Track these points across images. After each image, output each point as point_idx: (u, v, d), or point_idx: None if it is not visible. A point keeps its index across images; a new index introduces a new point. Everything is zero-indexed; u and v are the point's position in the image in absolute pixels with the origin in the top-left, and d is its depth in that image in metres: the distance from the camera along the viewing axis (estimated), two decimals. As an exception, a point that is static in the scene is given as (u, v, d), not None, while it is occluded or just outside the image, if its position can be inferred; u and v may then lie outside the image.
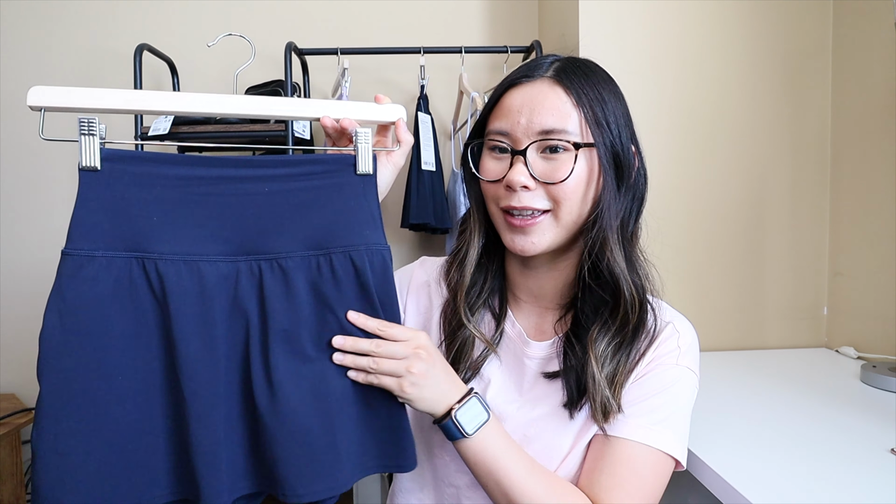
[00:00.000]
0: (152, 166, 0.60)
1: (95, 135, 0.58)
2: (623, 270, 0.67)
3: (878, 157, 1.33)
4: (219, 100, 0.62)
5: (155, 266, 0.59)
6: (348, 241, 0.63)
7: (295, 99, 0.66)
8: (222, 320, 0.60)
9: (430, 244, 1.95)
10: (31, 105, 0.57)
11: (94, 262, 0.58)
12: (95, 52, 1.87)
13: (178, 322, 0.59)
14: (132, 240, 0.59)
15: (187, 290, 0.59)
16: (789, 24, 1.46)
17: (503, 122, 0.68)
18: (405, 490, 0.78)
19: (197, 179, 0.61)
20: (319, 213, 0.63)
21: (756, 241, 1.50)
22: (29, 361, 1.92)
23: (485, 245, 0.76)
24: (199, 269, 0.60)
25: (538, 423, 0.70)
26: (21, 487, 1.72)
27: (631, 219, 0.70)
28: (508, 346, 0.75)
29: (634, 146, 0.70)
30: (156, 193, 0.60)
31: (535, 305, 0.76)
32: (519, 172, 0.65)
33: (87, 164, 0.58)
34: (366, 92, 1.90)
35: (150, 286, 0.59)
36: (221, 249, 0.61)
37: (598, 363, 0.66)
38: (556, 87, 0.67)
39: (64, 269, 0.57)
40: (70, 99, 0.58)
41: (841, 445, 0.86)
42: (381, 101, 0.67)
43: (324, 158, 0.65)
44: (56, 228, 1.86)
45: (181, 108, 0.62)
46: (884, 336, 1.31)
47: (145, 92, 0.62)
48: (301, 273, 0.62)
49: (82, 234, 0.58)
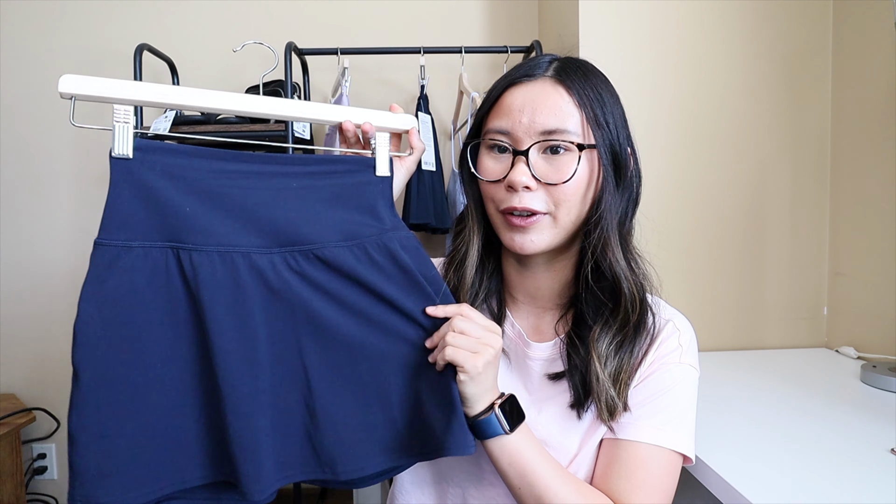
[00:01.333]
0: (184, 158, 0.61)
1: (129, 123, 0.58)
2: (624, 269, 0.67)
3: (878, 157, 1.33)
4: (248, 100, 0.64)
5: (189, 257, 0.59)
6: (378, 231, 0.65)
7: (321, 104, 0.68)
8: (259, 311, 0.61)
9: (431, 244, 1.95)
10: (62, 92, 0.56)
11: (132, 253, 0.58)
12: (95, 52, 1.87)
13: (211, 312, 0.59)
14: (167, 230, 0.59)
15: (221, 281, 0.60)
16: (789, 24, 1.46)
17: (503, 121, 0.68)
18: (405, 492, 0.78)
19: (228, 173, 0.62)
20: (346, 208, 0.65)
21: (756, 241, 1.50)
22: (29, 361, 1.93)
23: (483, 245, 0.75)
24: (232, 261, 0.60)
25: (546, 425, 0.70)
26: (21, 487, 1.72)
27: (627, 219, 0.71)
28: (509, 348, 0.75)
29: (630, 147, 0.70)
30: (188, 185, 0.60)
31: (532, 306, 0.76)
32: (521, 173, 0.65)
33: (119, 153, 0.58)
34: (366, 92, 1.90)
35: (184, 277, 0.60)
36: (255, 242, 0.62)
37: (600, 362, 0.66)
38: (557, 87, 0.67)
39: (100, 260, 0.57)
40: (101, 88, 0.58)
41: (841, 445, 0.86)
42: (395, 111, 0.70)
43: (345, 159, 0.67)
44: (57, 231, 1.87)
45: (212, 105, 0.62)
46: (884, 336, 1.31)
47: (176, 87, 0.63)
48: (339, 261, 0.63)
49: (117, 225, 0.58)
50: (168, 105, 0.62)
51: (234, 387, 0.59)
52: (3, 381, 1.90)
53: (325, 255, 0.63)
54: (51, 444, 1.93)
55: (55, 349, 1.89)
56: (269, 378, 0.62)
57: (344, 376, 0.64)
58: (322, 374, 0.63)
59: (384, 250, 0.65)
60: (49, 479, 1.95)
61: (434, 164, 1.67)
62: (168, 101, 0.61)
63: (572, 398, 0.69)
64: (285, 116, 0.66)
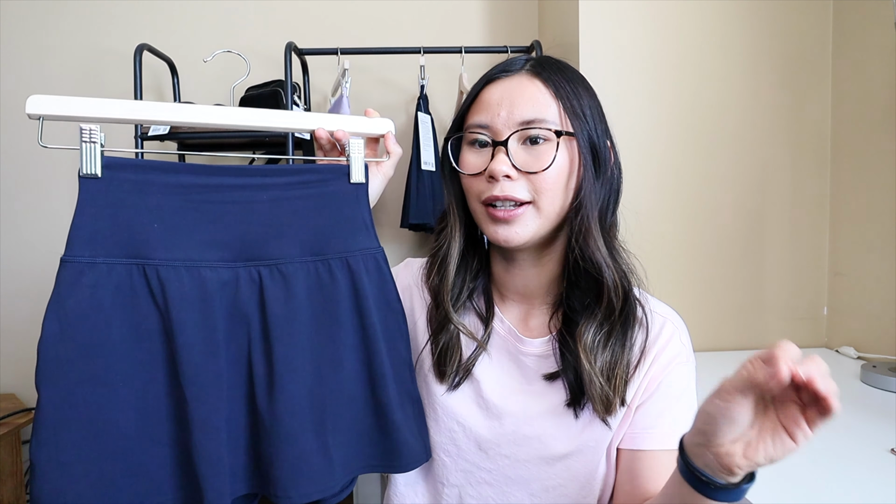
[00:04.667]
0: (153, 174, 0.60)
1: (96, 142, 0.58)
2: (605, 257, 0.67)
3: (878, 157, 1.33)
4: (217, 112, 0.63)
5: (157, 272, 0.59)
6: (344, 248, 0.65)
7: (291, 112, 0.68)
8: (223, 325, 0.61)
9: (430, 244, 1.94)
10: (30, 114, 0.57)
11: (95, 269, 0.57)
12: (95, 52, 1.87)
13: (179, 328, 0.59)
14: (133, 246, 0.59)
15: (189, 296, 0.59)
16: (789, 24, 1.46)
17: (483, 115, 0.69)
18: (399, 493, 0.78)
19: (197, 187, 0.61)
20: (316, 221, 0.65)
21: (756, 241, 1.50)
22: (29, 361, 1.91)
23: (466, 243, 0.75)
24: (200, 276, 0.60)
25: (541, 420, 0.70)
26: (21, 487, 1.72)
27: (608, 211, 0.71)
28: (500, 344, 0.75)
29: (609, 140, 0.71)
30: (156, 201, 0.60)
31: (521, 303, 0.76)
32: (500, 162, 0.66)
33: (87, 172, 0.58)
34: (366, 92, 1.90)
35: (151, 293, 0.59)
36: (222, 255, 0.62)
37: (588, 354, 0.66)
38: (534, 80, 0.68)
39: (63, 277, 0.57)
40: (69, 108, 0.58)
41: (841, 445, 0.86)
42: (370, 115, 0.70)
43: (319, 168, 0.67)
44: (56, 230, 1.85)
45: (180, 119, 0.63)
46: (884, 336, 1.31)
47: (144, 102, 0.62)
48: (300, 278, 0.63)
49: (82, 241, 0.57)
50: (136, 121, 0.62)
51: (198, 399, 0.59)
52: (3, 381, 1.90)
53: (286, 271, 0.63)
54: (51, 444, 1.93)
55: (55, 349, 1.89)
56: (228, 391, 0.61)
57: (296, 394, 0.62)
58: (275, 391, 0.61)
59: (346, 270, 0.65)
60: (49, 479, 1.95)
61: (434, 164, 1.66)
62: (136, 117, 0.61)
63: (568, 397, 0.69)
64: (255, 127, 0.65)
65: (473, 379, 0.74)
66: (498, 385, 0.73)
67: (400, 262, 0.89)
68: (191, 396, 0.59)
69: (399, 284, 0.82)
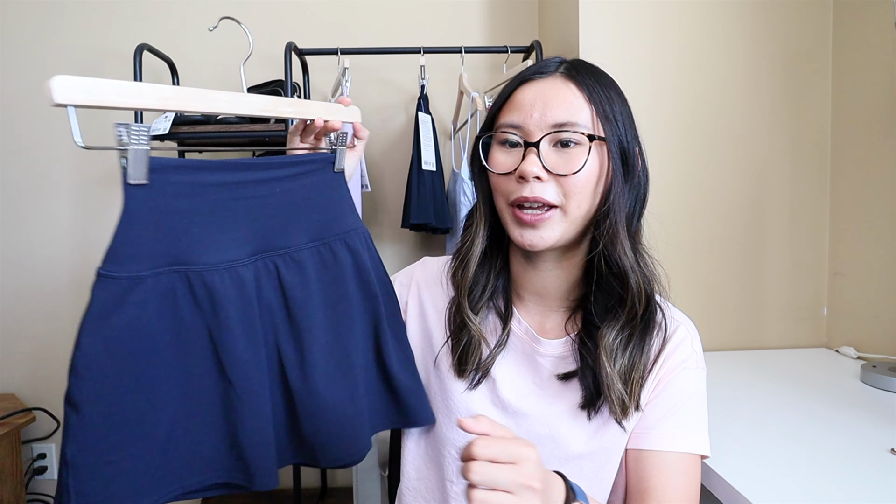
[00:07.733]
0: (193, 174, 0.58)
1: (146, 147, 0.52)
2: (632, 262, 0.68)
3: (878, 157, 1.33)
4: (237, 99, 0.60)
5: (201, 279, 0.58)
6: (340, 229, 0.71)
7: (271, 97, 0.65)
8: (258, 318, 0.63)
9: (431, 244, 1.95)
10: (58, 102, 0.46)
11: (143, 285, 0.55)
12: (95, 52, 1.87)
13: (228, 329, 0.60)
14: (175, 254, 0.57)
15: (231, 297, 0.60)
16: (789, 24, 1.46)
17: (515, 115, 0.69)
18: (412, 489, 0.78)
19: (229, 185, 0.61)
20: (315, 208, 0.70)
21: (756, 241, 1.50)
22: (29, 361, 1.92)
23: (489, 242, 0.75)
24: (238, 276, 0.61)
25: (555, 421, 0.70)
26: (21, 487, 1.72)
27: (634, 217, 0.71)
28: (517, 345, 0.75)
29: (638, 147, 0.71)
30: (195, 203, 0.58)
31: (539, 305, 0.76)
32: (531, 163, 0.65)
33: (136, 180, 0.53)
34: (366, 92, 1.90)
35: (195, 298, 0.58)
36: (248, 251, 0.63)
37: (609, 356, 0.67)
38: (568, 83, 0.68)
39: (106, 293, 0.53)
40: (101, 94, 0.48)
41: (841, 445, 0.86)
42: (346, 104, 0.75)
43: (311, 158, 0.71)
44: (56, 230, 1.87)
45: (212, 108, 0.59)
46: (884, 336, 1.31)
47: (182, 88, 0.56)
48: (310, 262, 0.68)
49: (128, 257, 0.54)
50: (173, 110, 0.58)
51: (251, 392, 0.62)
52: (3, 381, 1.90)
53: (299, 258, 0.67)
54: (51, 444, 1.93)
55: (55, 349, 1.89)
56: (268, 379, 0.65)
57: (321, 369, 0.67)
58: (307, 371, 0.66)
59: (346, 249, 0.71)
60: (49, 478, 1.95)
61: (434, 164, 1.66)
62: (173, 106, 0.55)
63: (583, 399, 0.69)
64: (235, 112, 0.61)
65: (490, 378, 0.74)
66: (514, 385, 0.73)
67: (400, 262, 0.90)
68: (241, 390, 0.61)
69: (416, 282, 0.84)
